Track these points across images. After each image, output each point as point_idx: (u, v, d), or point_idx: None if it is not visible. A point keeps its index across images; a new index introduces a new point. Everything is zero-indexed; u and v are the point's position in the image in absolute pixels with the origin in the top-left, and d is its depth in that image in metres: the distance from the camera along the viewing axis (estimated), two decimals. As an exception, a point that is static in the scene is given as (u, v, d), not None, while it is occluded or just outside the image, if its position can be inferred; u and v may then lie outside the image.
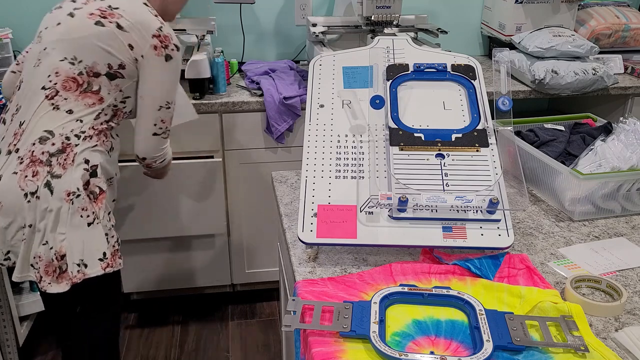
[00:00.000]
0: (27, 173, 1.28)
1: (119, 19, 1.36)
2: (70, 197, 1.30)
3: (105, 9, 1.37)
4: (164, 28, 1.38)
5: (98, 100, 1.37)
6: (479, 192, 1.08)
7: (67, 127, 1.33)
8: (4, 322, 1.93)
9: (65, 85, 1.33)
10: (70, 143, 1.32)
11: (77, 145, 1.32)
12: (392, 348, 0.82)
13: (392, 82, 1.22)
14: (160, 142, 1.49)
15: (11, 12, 2.27)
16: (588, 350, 0.83)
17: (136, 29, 1.36)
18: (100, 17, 1.35)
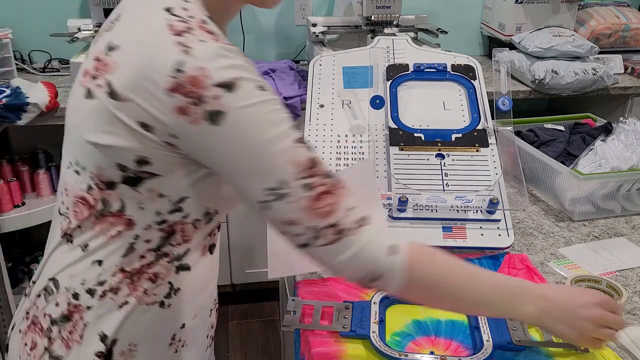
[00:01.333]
0: (27, 340, 0.79)
1: (112, 74, 0.68)
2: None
3: (101, 56, 0.70)
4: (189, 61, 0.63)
5: (124, 224, 0.73)
6: (479, 192, 1.08)
7: (78, 276, 0.75)
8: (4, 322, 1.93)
9: (75, 211, 0.75)
10: (78, 305, 0.75)
11: (89, 308, 0.74)
12: (392, 348, 0.82)
13: (392, 82, 1.22)
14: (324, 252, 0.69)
15: (11, 12, 2.27)
16: (588, 350, 0.83)
17: (141, 87, 0.65)
18: (92, 79, 0.70)
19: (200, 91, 0.63)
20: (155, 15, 0.68)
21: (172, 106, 0.64)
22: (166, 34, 0.65)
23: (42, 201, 1.99)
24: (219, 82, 0.63)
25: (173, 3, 0.69)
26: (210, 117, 0.63)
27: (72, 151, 0.75)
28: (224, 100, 0.63)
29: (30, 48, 2.28)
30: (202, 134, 0.65)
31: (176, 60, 0.63)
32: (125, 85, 0.66)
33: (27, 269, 2.08)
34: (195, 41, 0.64)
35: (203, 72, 0.63)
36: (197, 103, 0.63)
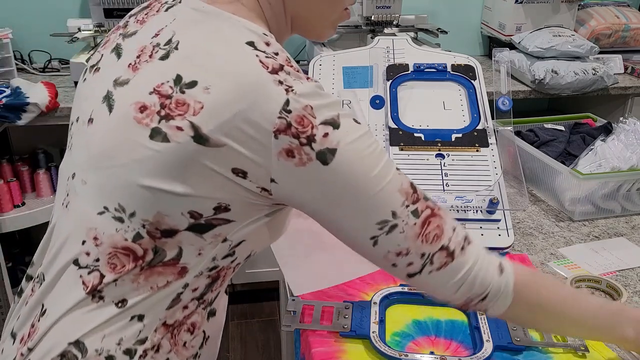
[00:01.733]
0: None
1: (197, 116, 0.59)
2: None
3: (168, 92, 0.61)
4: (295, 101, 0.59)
5: (177, 273, 0.65)
6: (479, 192, 1.07)
7: (113, 335, 0.63)
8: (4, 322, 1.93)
9: (112, 263, 0.63)
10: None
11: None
12: (392, 348, 0.82)
13: (392, 82, 1.22)
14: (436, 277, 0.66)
15: (11, 12, 2.27)
16: (588, 350, 0.83)
17: (238, 131, 0.59)
18: (159, 117, 0.60)
19: (308, 130, 0.59)
20: (241, 50, 0.62)
21: (278, 149, 0.59)
22: (263, 72, 0.60)
23: (42, 201, 1.99)
24: (325, 120, 0.60)
25: (253, 37, 0.63)
26: (321, 156, 0.60)
27: (108, 194, 0.63)
28: (332, 138, 0.60)
29: (30, 48, 2.28)
30: (309, 175, 0.61)
31: (283, 100, 0.59)
32: (219, 129, 0.59)
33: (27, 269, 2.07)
34: (293, 79, 0.61)
35: (310, 110, 0.60)
36: (305, 143, 0.59)
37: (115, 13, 2.01)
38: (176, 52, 0.63)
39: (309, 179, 0.61)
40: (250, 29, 0.64)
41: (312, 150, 0.59)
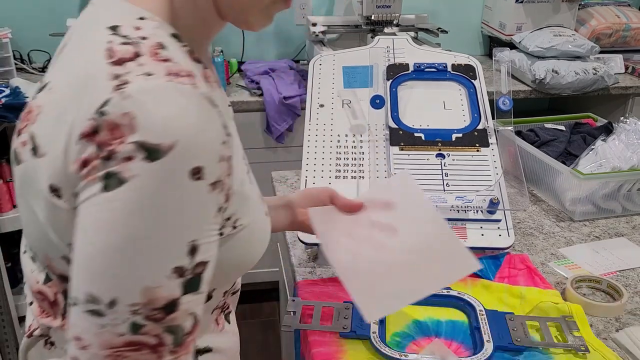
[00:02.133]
0: None
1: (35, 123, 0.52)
2: None
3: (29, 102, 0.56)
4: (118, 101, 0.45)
5: None
6: (479, 192, 1.07)
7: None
8: (4, 322, 1.92)
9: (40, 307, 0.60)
10: None
11: None
12: (392, 348, 0.82)
13: (392, 82, 1.22)
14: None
15: (10, 11, 2.27)
16: (588, 350, 0.82)
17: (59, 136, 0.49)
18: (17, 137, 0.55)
19: (114, 144, 0.44)
20: (95, 38, 0.50)
21: (78, 156, 0.46)
22: (102, 62, 0.47)
23: (41, 201, 1.99)
24: (142, 141, 0.44)
25: (124, 20, 0.51)
26: (106, 178, 0.45)
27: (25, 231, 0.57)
28: (133, 166, 0.44)
29: (30, 48, 2.28)
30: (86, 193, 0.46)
31: (104, 98, 0.45)
32: (45, 134, 0.49)
33: (26, 269, 2.07)
34: (137, 74, 0.46)
35: (129, 120, 0.44)
36: (104, 157, 0.45)
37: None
38: (59, 56, 0.57)
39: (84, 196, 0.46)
40: (127, 12, 0.52)
41: (104, 166, 0.45)
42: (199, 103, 0.47)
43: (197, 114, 0.46)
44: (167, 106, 0.45)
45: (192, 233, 0.47)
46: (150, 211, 0.45)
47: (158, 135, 0.44)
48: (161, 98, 0.45)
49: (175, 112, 0.45)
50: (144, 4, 0.53)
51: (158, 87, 0.46)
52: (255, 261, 0.62)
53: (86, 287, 0.46)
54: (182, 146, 0.45)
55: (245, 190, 0.57)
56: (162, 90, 0.46)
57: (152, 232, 0.45)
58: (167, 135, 0.44)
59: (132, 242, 0.45)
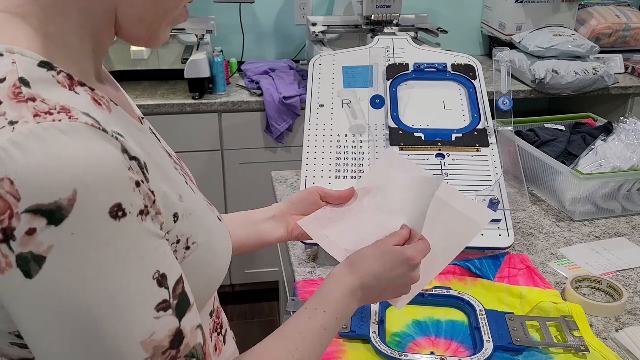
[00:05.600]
0: None
1: None
2: None
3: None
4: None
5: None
6: (479, 192, 1.07)
7: None
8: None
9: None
10: None
11: None
12: (392, 348, 0.82)
13: (392, 82, 1.22)
14: None
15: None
16: (589, 350, 0.82)
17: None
18: None
19: (5, 220, 0.37)
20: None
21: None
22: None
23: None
24: (35, 205, 0.37)
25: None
26: (22, 263, 0.38)
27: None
28: (42, 238, 0.38)
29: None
30: (8, 287, 0.39)
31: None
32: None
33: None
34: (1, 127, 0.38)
35: (9, 187, 0.37)
36: (2, 240, 0.38)
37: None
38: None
39: (9, 292, 0.39)
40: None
41: (11, 251, 0.38)
42: (84, 136, 0.39)
43: (86, 150, 0.39)
44: (47, 154, 0.37)
45: (149, 266, 0.42)
46: (91, 271, 0.39)
47: (50, 191, 0.37)
48: (36, 147, 0.37)
49: (59, 157, 0.37)
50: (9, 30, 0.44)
51: (29, 134, 0.37)
52: (224, 273, 0.57)
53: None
54: (84, 192, 0.38)
55: (189, 205, 0.51)
56: (35, 137, 0.37)
57: (107, 289, 0.40)
58: (61, 188, 0.37)
59: (97, 312, 0.39)
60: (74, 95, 0.43)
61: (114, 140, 0.41)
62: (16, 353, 0.47)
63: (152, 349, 0.42)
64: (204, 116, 2.00)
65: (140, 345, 0.41)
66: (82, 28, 0.47)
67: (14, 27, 0.44)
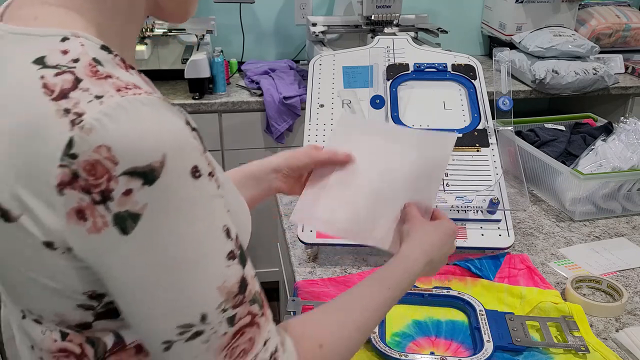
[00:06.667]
0: None
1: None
2: None
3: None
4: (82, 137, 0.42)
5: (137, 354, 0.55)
6: (479, 192, 1.07)
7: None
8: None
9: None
10: None
11: None
12: (392, 348, 0.82)
13: (393, 82, 1.22)
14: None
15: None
16: (589, 350, 0.82)
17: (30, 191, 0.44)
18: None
19: (102, 183, 0.42)
20: (23, 77, 0.45)
21: (67, 209, 0.43)
22: (43, 102, 0.43)
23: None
24: (132, 168, 0.42)
25: (46, 47, 0.46)
26: (118, 221, 0.43)
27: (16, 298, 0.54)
28: (138, 197, 0.42)
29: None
30: (105, 245, 0.44)
31: (65, 138, 0.42)
32: (11, 197, 0.45)
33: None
34: (87, 101, 0.42)
35: (106, 151, 0.41)
36: (99, 201, 0.42)
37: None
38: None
39: (104, 250, 0.44)
40: (45, 38, 0.46)
41: (108, 211, 0.42)
42: (160, 108, 0.44)
43: (165, 119, 0.44)
44: (136, 123, 0.42)
45: (219, 221, 0.48)
46: (179, 226, 0.45)
47: (144, 155, 0.42)
48: (125, 117, 0.42)
49: (147, 126, 0.43)
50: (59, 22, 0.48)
51: (117, 106, 0.42)
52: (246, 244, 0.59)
53: (172, 325, 0.47)
54: (171, 155, 0.43)
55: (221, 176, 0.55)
56: (122, 108, 0.42)
57: (192, 241, 0.46)
58: (152, 152, 0.42)
59: (184, 261, 0.46)
60: (131, 75, 0.47)
61: (180, 113, 0.46)
62: (77, 317, 0.51)
63: (225, 294, 0.48)
64: (204, 116, 2.00)
65: (217, 291, 0.47)
66: (127, 16, 0.53)
67: (72, 19, 0.49)
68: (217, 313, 0.47)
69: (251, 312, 0.50)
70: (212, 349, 0.48)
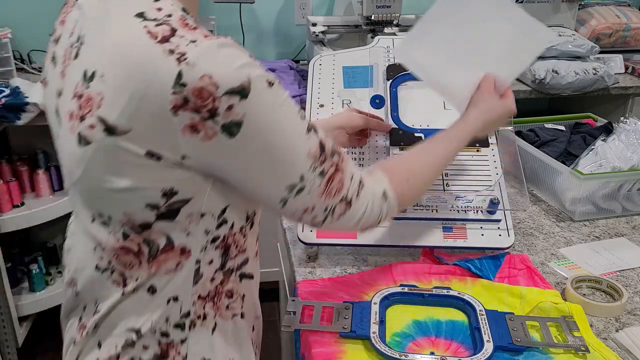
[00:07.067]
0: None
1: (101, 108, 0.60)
2: None
3: (80, 91, 0.62)
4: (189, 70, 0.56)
5: (180, 255, 0.68)
6: (479, 192, 1.07)
7: (159, 317, 0.69)
8: (3, 322, 1.92)
9: (123, 262, 0.68)
10: (172, 342, 0.70)
11: (183, 341, 0.71)
12: (392, 348, 0.82)
13: (393, 82, 1.22)
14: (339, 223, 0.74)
15: (10, 11, 2.27)
16: (588, 350, 0.82)
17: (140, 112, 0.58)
18: (79, 120, 0.62)
19: (209, 104, 0.56)
20: (129, 26, 0.58)
21: (181, 126, 0.57)
22: (151, 45, 0.56)
23: (41, 201, 1.99)
24: (230, 89, 0.56)
25: (143, 5, 0.60)
26: (226, 129, 0.58)
27: (90, 203, 0.68)
28: (238, 109, 0.57)
29: (30, 48, 2.28)
30: (217, 148, 0.60)
31: (174, 72, 0.55)
32: (121, 116, 0.58)
33: (26, 269, 2.07)
34: (185, 44, 0.56)
35: (208, 80, 0.56)
36: (208, 117, 0.57)
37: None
38: (83, 46, 0.63)
39: (216, 152, 0.60)
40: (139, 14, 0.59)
41: (216, 124, 0.58)
42: (236, 45, 0.59)
43: (241, 53, 0.59)
44: (225, 57, 0.57)
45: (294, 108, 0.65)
46: (270, 120, 0.61)
47: (236, 78, 0.57)
48: (217, 54, 0.57)
49: (233, 58, 0.58)
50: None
51: (208, 47, 0.57)
52: None
53: (282, 187, 0.65)
54: (252, 75, 0.58)
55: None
56: (213, 48, 0.57)
57: (282, 128, 0.62)
58: (240, 75, 0.57)
59: (279, 144, 0.62)
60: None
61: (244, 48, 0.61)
62: (142, 217, 0.64)
63: (312, 157, 0.66)
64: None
65: (306, 157, 0.65)
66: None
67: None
68: (310, 172, 0.66)
69: (334, 163, 0.69)
70: (314, 196, 0.68)
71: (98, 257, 0.69)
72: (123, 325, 0.70)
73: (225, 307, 0.73)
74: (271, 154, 0.63)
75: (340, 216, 0.72)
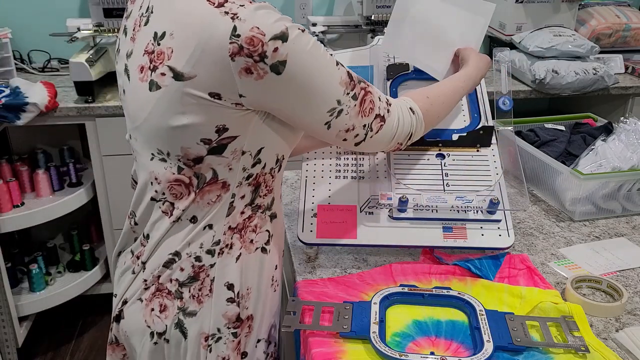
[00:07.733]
0: (154, 305, 0.88)
1: (171, 60, 0.75)
2: (209, 342, 0.87)
3: (152, 48, 0.78)
4: (241, 25, 0.72)
5: (221, 188, 0.83)
6: (479, 192, 1.07)
7: (195, 243, 0.85)
8: (3, 322, 1.92)
9: (174, 193, 0.84)
10: (203, 265, 0.85)
11: (212, 266, 0.85)
12: (392, 348, 0.82)
13: (393, 82, 1.22)
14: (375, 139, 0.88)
15: (10, 11, 2.27)
16: (588, 350, 0.82)
17: (202, 61, 0.73)
18: (150, 71, 0.78)
19: (259, 48, 0.72)
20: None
21: (237, 69, 0.72)
22: (209, 8, 0.73)
23: (41, 201, 1.99)
24: (274, 35, 0.72)
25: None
26: (274, 68, 0.73)
27: (150, 143, 0.84)
28: (282, 51, 0.73)
29: (30, 48, 2.28)
30: (268, 85, 0.74)
31: (230, 27, 0.71)
32: (188, 64, 0.74)
33: (26, 269, 2.07)
34: (237, 7, 0.73)
35: (257, 30, 0.71)
36: (259, 60, 0.72)
37: (114, 13, 2.01)
38: (152, 15, 0.80)
39: (268, 88, 0.75)
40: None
41: (266, 64, 0.72)
42: (271, 6, 0.75)
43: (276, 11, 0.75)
44: (266, 14, 0.73)
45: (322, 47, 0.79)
46: (307, 57, 0.75)
47: (277, 27, 0.72)
48: (260, 12, 0.72)
49: (272, 14, 0.73)
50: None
51: (254, 8, 0.73)
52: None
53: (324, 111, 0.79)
54: (289, 25, 0.73)
55: None
56: (257, 8, 0.73)
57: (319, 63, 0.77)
58: (280, 25, 0.73)
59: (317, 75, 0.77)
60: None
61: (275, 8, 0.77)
62: (196, 151, 0.79)
63: (344, 84, 0.80)
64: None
65: (339, 84, 0.79)
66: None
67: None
68: (345, 96, 0.80)
69: (362, 87, 0.83)
70: (352, 115, 0.82)
71: (153, 190, 0.86)
72: (166, 250, 0.86)
73: (249, 241, 0.87)
74: (312, 85, 0.77)
75: (378, 131, 0.86)
